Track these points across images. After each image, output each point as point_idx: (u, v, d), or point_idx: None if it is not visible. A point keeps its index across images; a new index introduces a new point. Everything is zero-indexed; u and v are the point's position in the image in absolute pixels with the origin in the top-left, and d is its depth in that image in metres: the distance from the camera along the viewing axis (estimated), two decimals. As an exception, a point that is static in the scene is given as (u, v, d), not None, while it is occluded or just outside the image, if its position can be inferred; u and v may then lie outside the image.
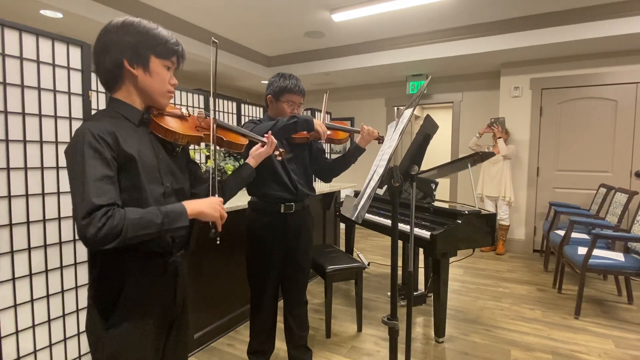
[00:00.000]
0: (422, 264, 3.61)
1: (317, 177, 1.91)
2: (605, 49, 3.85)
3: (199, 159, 2.95)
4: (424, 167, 2.38)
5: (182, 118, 1.06)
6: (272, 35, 4.31)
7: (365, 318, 2.63)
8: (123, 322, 0.92)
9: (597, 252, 2.71)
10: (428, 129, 1.46)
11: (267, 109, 1.75)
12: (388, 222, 2.58)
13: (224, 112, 3.28)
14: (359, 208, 1.13)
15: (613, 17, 3.38)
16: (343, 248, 3.94)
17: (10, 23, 1.36)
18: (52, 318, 1.53)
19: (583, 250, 2.72)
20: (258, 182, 1.64)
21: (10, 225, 1.38)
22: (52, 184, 1.50)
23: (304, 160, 1.75)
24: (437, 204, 2.49)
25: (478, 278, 3.50)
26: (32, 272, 1.45)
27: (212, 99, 1.11)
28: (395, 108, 5.75)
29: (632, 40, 3.55)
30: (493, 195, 4.27)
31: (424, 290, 2.95)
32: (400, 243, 3.05)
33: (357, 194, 2.00)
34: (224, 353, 2.18)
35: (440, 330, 2.29)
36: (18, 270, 1.41)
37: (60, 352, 1.57)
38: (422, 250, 2.72)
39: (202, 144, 2.95)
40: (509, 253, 4.41)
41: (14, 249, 1.40)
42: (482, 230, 2.29)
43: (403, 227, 2.37)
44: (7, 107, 1.36)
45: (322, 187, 3.35)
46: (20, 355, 1.43)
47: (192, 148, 2.87)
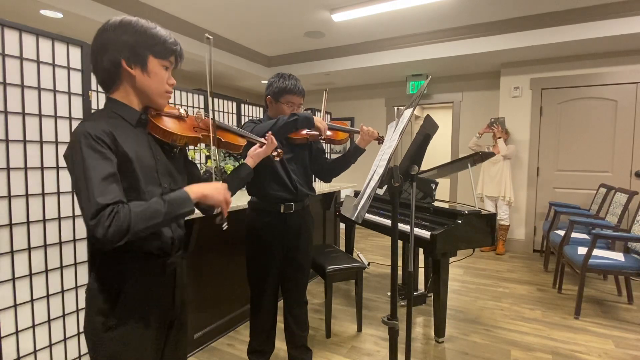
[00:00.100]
0: (422, 264, 3.61)
1: (317, 177, 1.91)
2: (605, 49, 3.85)
3: (199, 159, 2.95)
4: (424, 167, 2.38)
5: (180, 119, 1.05)
6: (272, 35, 4.31)
7: (365, 318, 2.63)
8: (122, 323, 0.91)
9: (597, 252, 2.71)
10: (428, 129, 1.46)
11: (266, 110, 1.75)
12: (388, 222, 2.58)
13: (224, 112, 3.28)
14: (359, 208, 1.13)
15: (613, 17, 3.38)
16: (343, 248, 3.93)
17: (10, 23, 1.36)
18: (52, 318, 1.53)
19: (583, 250, 2.72)
20: (258, 182, 1.64)
21: (10, 225, 1.38)
22: (52, 184, 1.50)
23: (304, 161, 1.75)
24: (437, 204, 2.49)
25: (478, 278, 3.50)
26: (32, 272, 1.45)
27: (209, 98, 1.10)
28: (395, 108, 5.75)
29: (632, 40, 3.55)
30: (493, 195, 4.27)
31: (424, 290, 2.95)
32: (400, 243, 3.05)
33: (357, 194, 2.00)
34: (224, 353, 2.18)
35: (440, 330, 2.29)
36: (18, 270, 1.41)
37: (60, 352, 1.57)
38: (422, 250, 2.71)
39: (202, 145, 2.95)
40: (509, 253, 4.41)
41: (14, 249, 1.40)
42: (482, 230, 2.29)
43: (403, 227, 2.37)
44: (7, 107, 1.36)
45: (322, 187, 3.35)
46: (20, 355, 1.43)
47: (192, 148, 2.87)
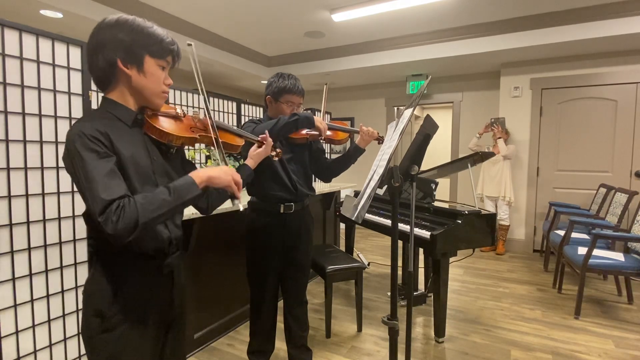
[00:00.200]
0: (422, 264, 3.61)
1: (316, 177, 1.91)
2: (605, 49, 3.85)
3: (199, 159, 2.96)
4: (424, 167, 2.38)
5: (176, 119, 1.04)
6: (272, 35, 4.31)
7: (365, 318, 2.63)
8: (118, 325, 0.90)
9: (597, 252, 2.71)
10: (428, 129, 1.46)
11: (266, 109, 1.75)
12: (388, 222, 2.58)
13: (224, 112, 3.28)
14: (359, 208, 1.13)
15: (613, 17, 3.38)
16: (343, 248, 3.94)
17: (10, 23, 1.36)
18: (52, 318, 1.53)
19: (583, 250, 2.72)
20: (258, 182, 1.64)
21: (10, 225, 1.38)
22: (52, 184, 1.50)
23: (304, 161, 1.75)
24: (437, 204, 2.49)
25: (478, 278, 3.50)
26: (32, 272, 1.45)
27: (203, 101, 1.08)
28: (395, 108, 5.75)
29: (632, 40, 3.55)
30: (493, 196, 4.27)
31: (424, 290, 2.95)
32: (400, 243, 3.05)
33: (357, 194, 2.00)
34: (224, 353, 2.18)
35: (440, 330, 2.29)
36: (18, 270, 1.41)
37: (60, 352, 1.57)
38: (422, 250, 2.72)
39: (202, 145, 2.95)
40: (509, 253, 4.41)
41: (14, 249, 1.40)
42: (482, 230, 2.29)
43: (403, 227, 2.37)
44: (7, 107, 1.36)
45: (322, 187, 3.35)
46: (20, 355, 1.43)
47: (191, 148, 2.87)
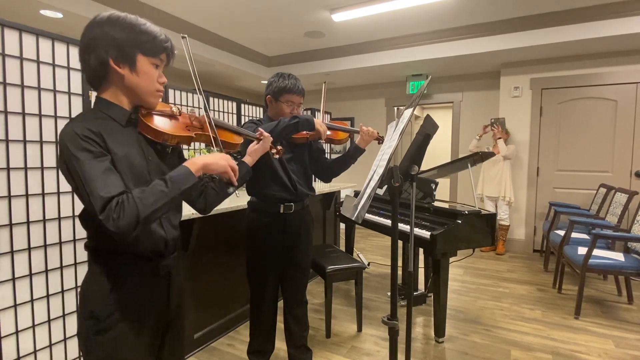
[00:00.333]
0: (422, 264, 3.61)
1: (316, 177, 1.91)
2: (605, 49, 3.85)
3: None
4: (424, 167, 2.38)
5: (172, 117, 1.02)
6: (272, 35, 4.31)
7: (365, 318, 2.63)
8: (114, 326, 0.90)
9: (597, 252, 2.71)
10: (428, 129, 1.46)
11: (266, 109, 1.75)
12: (388, 222, 2.58)
13: (224, 112, 3.28)
14: (359, 208, 1.13)
15: (613, 17, 3.38)
16: (343, 248, 3.94)
17: (10, 23, 1.36)
18: (52, 318, 1.53)
19: (583, 250, 2.72)
20: (257, 182, 1.64)
21: (10, 225, 1.38)
22: (52, 184, 1.50)
23: (304, 160, 1.75)
24: (437, 204, 2.49)
25: (478, 278, 3.50)
26: (32, 272, 1.45)
27: (199, 93, 1.07)
28: (395, 108, 5.75)
29: (632, 40, 3.55)
30: (493, 196, 4.27)
31: (424, 290, 2.95)
32: (400, 243, 3.05)
33: (357, 194, 2.00)
34: (224, 353, 2.18)
35: (440, 330, 2.29)
36: (18, 270, 1.41)
37: (60, 352, 1.57)
38: (422, 250, 2.72)
39: (202, 145, 2.95)
40: (509, 253, 4.41)
41: (14, 249, 1.40)
42: (482, 230, 2.29)
43: (403, 227, 2.37)
44: (7, 107, 1.36)
45: (322, 187, 3.35)
46: (20, 355, 1.43)
47: (191, 148, 2.86)
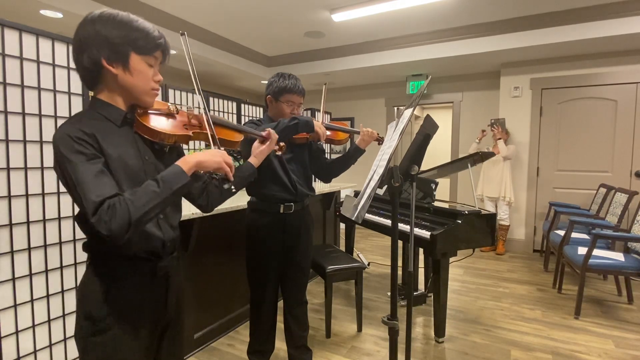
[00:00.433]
0: (422, 264, 3.61)
1: (316, 177, 1.91)
2: (605, 49, 3.85)
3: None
4: (424, 167, 2.38)
5: (169, 116, 1.00)
6: (272, 35, 4.31)
7: (365, 318, 2.63)
8: (110, 327, 0.89)
9: (597, 252, 2.71)
10: (428, 129, 1.46)
11: (267, 109, 1.75)
12: (388, 222, 2.58)
13: (224, 112, 3.28)
14: (359, 208, 1.13)
15: (613, 17, 3.38)
16: (343, 248, 3.94)
17: (10, 23, 1.36)
18: (52, 318, 1.53)
19: (583, 250, 2.72)
20: (257, 182, 1.64)
21: (10, 225, 1.38)
22: (52, 184, 1.50)
23: (304, 161, 1.75)
24: (437, 204, 2.49)
25: (478, 278, 3.50)
26: (32, 272, 1.45)
27: (197, 93, 1.06)
28: (395, 108, 5.75)
29: (632, 40, 3.55)
30: (493, 196, 4.27)
31: (424, 290, 2.95)
32: (400, 243, 3.05)
33: (357, 194, 2.00)
34: (224, 353, 2.18)
35: (440, 330, 2.29)
36: (18, 270, 1.41)
37: (60, 352, 1.57)
38: (422, 250, 2.72)
39: (202, 144, 2.95)
40: (509, 253, 4.41)
41: (14, 249, 1.40)
42: (482, 230, 2.29)
43: (403, 227, 2.37)
44: (7, 107, 1.36)
45: (322, 187, 3.35)
46: (20, 355, 1.43)
47: (190, 148, 2.86)
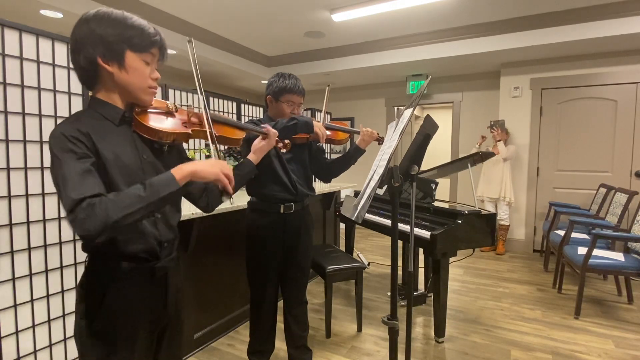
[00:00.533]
0: (422, 264, 3.61)
1: (316, 177, 1.91)
2: (605, 49, 3.85)
3: (199, 159, 2.95)
4: (424, 167, 2.38)
5: (168, 114, 0.99)
6: (272, 35, 4.31)
7: (365, 318, 2.63)
8: (108, 328, 0.89)
9: (597, 252, 2.71)
10: (428, 129, 1.46)
11: (267, 109, 1.75)
12: (388, 222, 2.58)
13: (224, 112, 3.28)
14: (359, 208, 1.13)
15: (613, 17, 3.38)
16: (343, 248, 3.94)
17: (10, 23, 1.36)
18: (52, 318, 1.53)
19: (583, 250, 2.72)
20: (258, 182, 1.64)
21: (10, 225, 1.38)
22: (52, 184, 1.49)
23: (304, 161, 1.75)
24: (437, 204, 2.49)
25: (478, 278, 3.50)
26: (32, 272, 1.45)
27: (202, 101, 1.06)
28: (395, 108, 5.75)
29: (632, 40, 3.55)
30: (493, 197, 4.27)
31: (424, 290, 2.95)
32: (400, 243, 3.05)
33: (357, 194, 2.00)
34: (224, 353, 2.18)
35: (440, 330, 2.29)
36: (18, 270, 1.41)
37: (60, 352, 1.57)
38: (422, 250, 2.72)
39: (202, 144, 2.95)
40: (509, 253, 4.41)
41: (14, 249, 1.40)
42: (482, 230, 2.29)
43: (403, 227, 2.37)
44: (7, 107, 1.36)
45: (322, 187, 3.35)
46: (20, 355, 1.43)
47: (191, 148, 2.87)
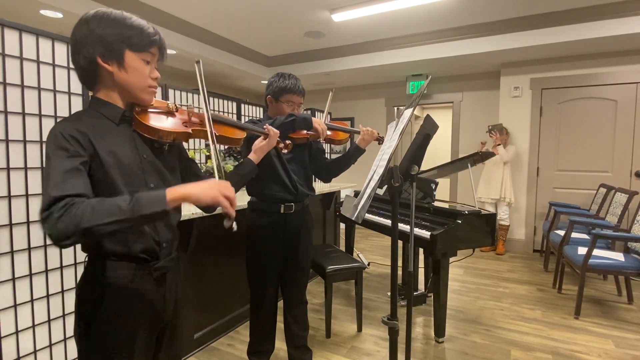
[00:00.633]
0: (422, 264, 3.61)
1: (316, 177, 1.91)
2: (605, 49, 3.85)
3: (199, 159, 2.95)
4: (424, 167, 2.38)
5: (168, 113, 0.99)
6: (272, 35, 4.31)
7: (365, 318, 2.63)
8: (107, 328, 0.89)
9: (597, 252, 2.71)
10: (428, 129, 1.46)
11: (267, 109, 1.75)
12: (388, 222, 2.58)
13: (224, 112, 3.28)
14: (359, 208, 1.13)
15: (613, 17, 3.38)
16: (343, 248, 3.94)
17: (10, 23, 1.36)
18: (52, 318, 1.53)
19: (583, 250, 2.72)
20: (257, 182, 1.64)
21: (10, 225, 1.38)
22: (52, 184, 1.49)
23: (304, 161, 1.75)
24: (437, 204, 2.49)
25: (478, 278, 3.50)
26: (32, 272, 1.45)
27: (202, 96, 1.07)
28: (395, 108, 5.75)
29: (632, 40, 3.55)
30: (493, 198, 4.27)
31: (424, 290, 2.95)
32: (400, 243, 3.05)
33: (357, 194, 2.00)
34: (224, 353, 2.18)
35: (440, 330, 2.29)
36: (18, 270, 1.41)
37: (60, 352, 1.57)
38: (422, 250, 2.72)
39: (202, 144, 2.95)
40: (509, 253, 4.41)
41: (14, 249, 1.40)
42: (482, 230, 2.29)
43: (403, 227, 2.37)
44: (7, 107, 1.36)
45: (322, 187, 3.35)
46: (20, 355, 1.43)
47: (192, 148, 2.86)
